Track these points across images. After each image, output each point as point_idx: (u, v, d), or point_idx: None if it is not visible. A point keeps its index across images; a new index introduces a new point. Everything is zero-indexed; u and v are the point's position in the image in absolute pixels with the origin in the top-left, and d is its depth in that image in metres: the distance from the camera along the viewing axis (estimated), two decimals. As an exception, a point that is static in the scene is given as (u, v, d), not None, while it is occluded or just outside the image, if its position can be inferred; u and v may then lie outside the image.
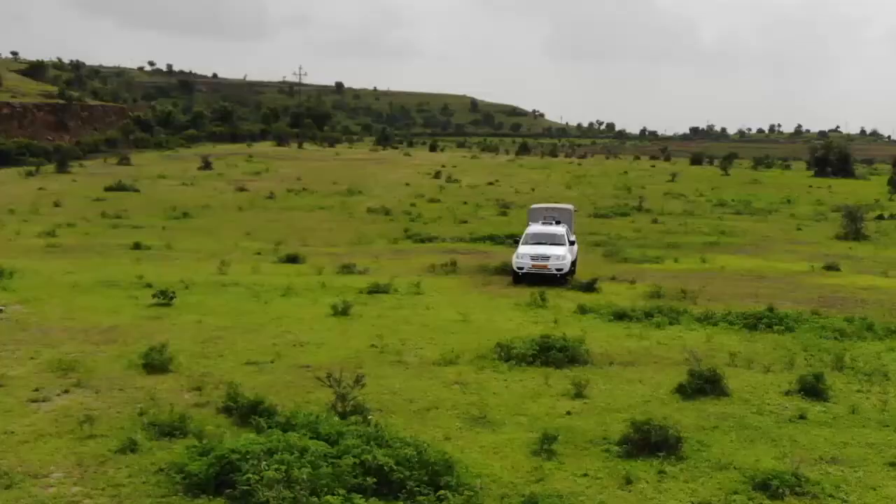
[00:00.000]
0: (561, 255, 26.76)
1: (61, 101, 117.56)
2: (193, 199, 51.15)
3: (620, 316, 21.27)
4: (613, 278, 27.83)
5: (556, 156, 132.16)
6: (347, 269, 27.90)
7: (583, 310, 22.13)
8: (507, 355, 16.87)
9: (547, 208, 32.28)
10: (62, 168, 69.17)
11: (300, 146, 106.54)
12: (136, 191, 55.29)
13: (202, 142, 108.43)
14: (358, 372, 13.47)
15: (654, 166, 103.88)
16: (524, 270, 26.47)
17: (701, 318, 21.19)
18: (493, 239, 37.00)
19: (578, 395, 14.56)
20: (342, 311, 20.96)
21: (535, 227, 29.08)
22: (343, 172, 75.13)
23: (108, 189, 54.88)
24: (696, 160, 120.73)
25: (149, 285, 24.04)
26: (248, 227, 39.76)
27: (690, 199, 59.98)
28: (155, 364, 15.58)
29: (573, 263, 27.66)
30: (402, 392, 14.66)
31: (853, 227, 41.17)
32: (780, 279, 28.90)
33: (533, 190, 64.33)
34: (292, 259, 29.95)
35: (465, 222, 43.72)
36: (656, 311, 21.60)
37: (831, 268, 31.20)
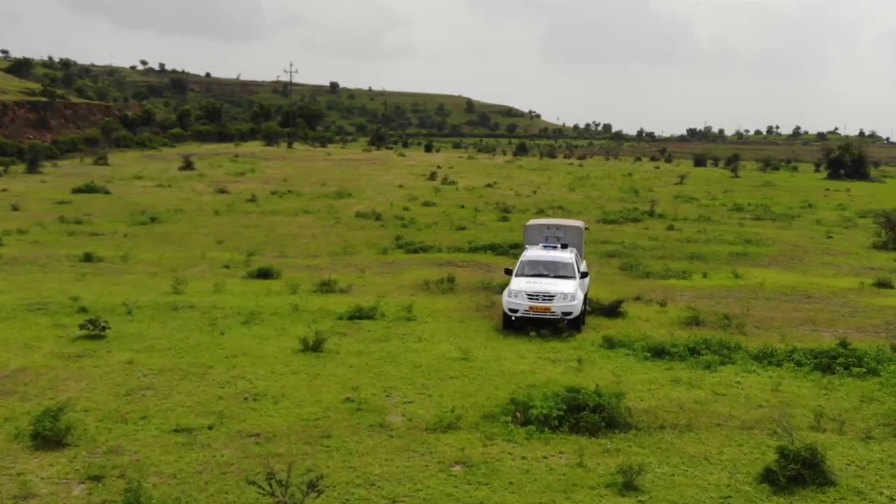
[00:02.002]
0: (569, 294, 19.27)
1: (43, 99, 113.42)
2: (167, 202, 46.95)
3: (659, 352, 17.18)
4: (638, 298, 23.73)
5: (554, 157, 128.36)
6: (327, 288, 23.76)
7: (610, 343, 18.03)
8: (525, 417, 12.76)
9: (549, 225, 24.70)
10: (32, 168, 64.92)
11: (290, 146, 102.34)
12: (107, 192, 51.02)
13: (188, 141, 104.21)
14: (312, 475, 9.25)
15: (658, 167, 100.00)
16: (519, 314, 19.23)
17: (759, 357, 17.10)
18: (494, 248, 32.87)
19: (629, 485, 10.46)
20: (314, 347, 16.84)
21: (534, 252, 21.72)
22: (333, 173, 71.07)
23: (75, 191, 50.66)
24: (699, 161, 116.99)
25: (83, 310, 19.92)
26: (222, 234, 35.57)
27: (703, 203, 55.91)
28: (47, 435, 11.44)
29: (585, 302, 20.43)
30: (383, 481, 10.53)
31: (893, 235, 37.12)
32: (830, 299, 24.84)
33: (534, 192, 60.27)
34: (264, 274, 25.79)
35: (463, 228, 39.60)
36: (702, 345, 17.50)
37: (883, 284, 27.16)
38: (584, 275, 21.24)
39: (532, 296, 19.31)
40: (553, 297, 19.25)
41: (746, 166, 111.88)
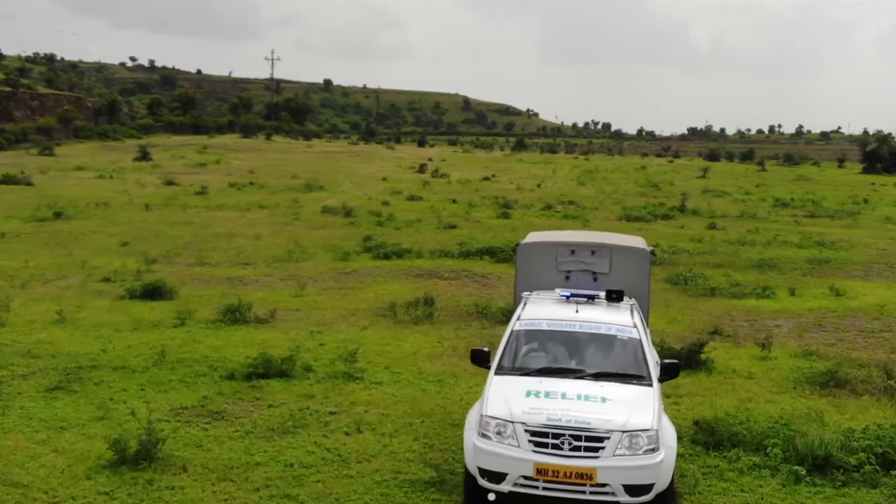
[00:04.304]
0: (643, 431, 7.47)
1: (6, 89, 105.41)
2: (95, 195, 38.45)
3: (819, 465, 8.76)
4: (716, 332, 15.35)
5: (555, 152, 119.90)
6: (235, 316, 15.30)
7: (712, 437, 9.54)
8: None
9: (575, 246, 11.09)
10: (-39, 158, 56.53)
11: (268, 138, 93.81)
12: (28, 184, 42.65)
13: (158, 132, 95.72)
14: None
15: (671, 161, 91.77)
16: (507, 486, 7.43)
17: None
18: (492, 253, 24.42)
19: None
20: (135, 457, 8.44)
21: (544, 309, 9.35)
22: (309, 165, 62.71)
23: (-10, 182, 42.37)
24: (712, 157, 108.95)
25: None
26: (137, 233, 27.15)
27: (738, 198, 47.53)
28: None
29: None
30: None
31: None
32: None
33: (538, 186, 51.86)
34: (152, 292, 17.33)
35: (453, 227, 31.21)
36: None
37: None
38: (668, 370, 8.54)
39: (545, 435, 7.45)
40: (601, 441, 7.41)
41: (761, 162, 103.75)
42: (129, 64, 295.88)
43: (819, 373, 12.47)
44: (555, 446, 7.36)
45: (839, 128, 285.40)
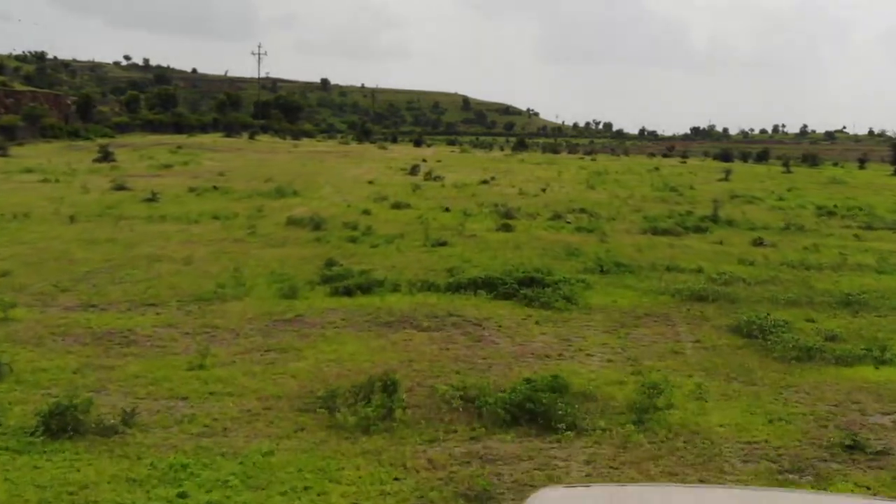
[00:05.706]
0: None
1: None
2: (22, 204, 32.47)
3: None
4: (855, 447, 9.36)
5: (557, 152, 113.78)
6: (63, 424, 9.25)
7: None
8: None
9: None
10: None
11: (251, 137, 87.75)
12: (-48, 190, 36.79)
13: (135, 131, 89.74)
14: None
15: (684, 162, 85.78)
16: None
17: None
18: (490, 286, 18.30)
19: None
20: None
21: None
22: (289, 167, 56.76)
23: None
24: (725, 157, 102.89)
25: None
26: (33, 257, 21.18)
27: (773, 205, 41.55)
28: None
29: None
30: None
31: None
32: None
33: (544, 190, 45.80)
34: (-35, 367, 11.34)
35: (443, 244, 25.17)
36: None
37: None
38: None
39: None
40: None
41: (772, 163, 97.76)
42: (124, 63, 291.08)
43: None
44: None
45: (844, 127, 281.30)
